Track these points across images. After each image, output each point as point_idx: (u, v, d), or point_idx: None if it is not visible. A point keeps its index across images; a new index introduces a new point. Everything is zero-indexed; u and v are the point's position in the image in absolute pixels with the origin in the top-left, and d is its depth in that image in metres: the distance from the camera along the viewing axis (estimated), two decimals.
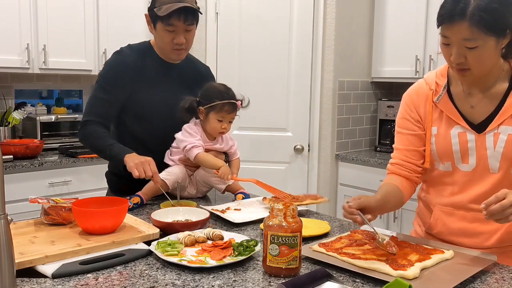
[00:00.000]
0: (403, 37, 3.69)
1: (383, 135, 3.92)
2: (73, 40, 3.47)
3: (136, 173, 1.76)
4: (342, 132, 3.85)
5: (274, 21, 3.61)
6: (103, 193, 2.25)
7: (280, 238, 1.21)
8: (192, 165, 2.01)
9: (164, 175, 1.92)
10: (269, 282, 1.20)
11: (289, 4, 3.60)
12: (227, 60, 3.61)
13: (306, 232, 1.50)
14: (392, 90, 4.19)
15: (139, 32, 3.65)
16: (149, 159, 1.82)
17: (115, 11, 3.62)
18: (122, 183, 2.03)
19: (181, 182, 1.95)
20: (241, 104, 2.00)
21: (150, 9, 1.94)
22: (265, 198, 1.92)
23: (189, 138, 1.94)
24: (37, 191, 3.02)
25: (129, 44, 2.10)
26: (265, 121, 3.69)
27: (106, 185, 2.20)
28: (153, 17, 1.94)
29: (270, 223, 1.23)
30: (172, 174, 1.93)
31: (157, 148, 2.01)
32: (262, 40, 3.61)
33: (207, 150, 1.98)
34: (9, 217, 1.07)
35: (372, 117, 4.07)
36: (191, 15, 1.90)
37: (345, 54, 3.76)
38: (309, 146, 3.72)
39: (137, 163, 1.77)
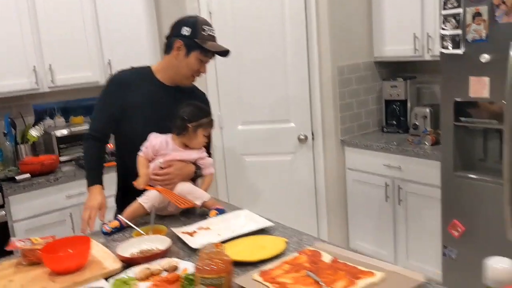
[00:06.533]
0: (401, 16, 3.60)
1: (389, 116, 3.88)
2: (77, 55, 3.62)
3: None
4: (346, 117, 3.83)
5: (267, 13, 3.61)
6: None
7: (206, 280, 1.32)
8: (167, 183, 2.10)
9: (142, 199, 2.06)
10: None
11: None
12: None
13: (259, 255, 1.60)
14: (395, 69, 4.10)
15: (140, 38, 3.77)
16: (98, 204, 2.06)
17: (115, 21, 3.72)
18: (126, 200, 2.15)
19: (160, 204, 2.08)
20: None
21: (189, 38, 2.07)
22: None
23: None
24: (56, 205, 3.28)
25: (131, 66, 2.29)
26: (267, 114, 3.75)
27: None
28: (190, 46, 2.08)
29: (199, 265, 1.34)
30: (150, 198, 2.05)
31: None
32: (256, 34, 3.63)
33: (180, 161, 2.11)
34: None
35: (378, 98, 4.01)
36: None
37: (342, 38, 3.71)
38: (312, 134, 3.76)
39: (85, 207, 2.06)
